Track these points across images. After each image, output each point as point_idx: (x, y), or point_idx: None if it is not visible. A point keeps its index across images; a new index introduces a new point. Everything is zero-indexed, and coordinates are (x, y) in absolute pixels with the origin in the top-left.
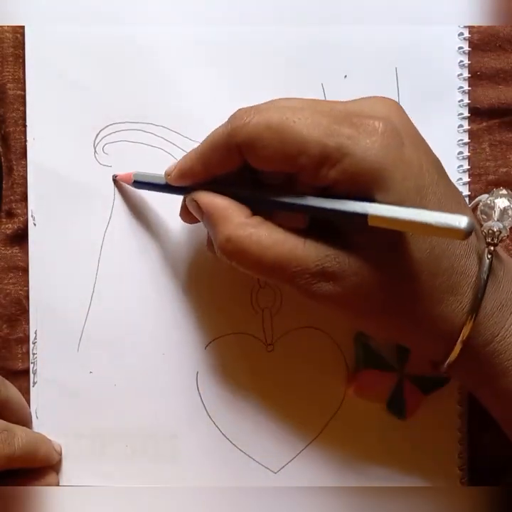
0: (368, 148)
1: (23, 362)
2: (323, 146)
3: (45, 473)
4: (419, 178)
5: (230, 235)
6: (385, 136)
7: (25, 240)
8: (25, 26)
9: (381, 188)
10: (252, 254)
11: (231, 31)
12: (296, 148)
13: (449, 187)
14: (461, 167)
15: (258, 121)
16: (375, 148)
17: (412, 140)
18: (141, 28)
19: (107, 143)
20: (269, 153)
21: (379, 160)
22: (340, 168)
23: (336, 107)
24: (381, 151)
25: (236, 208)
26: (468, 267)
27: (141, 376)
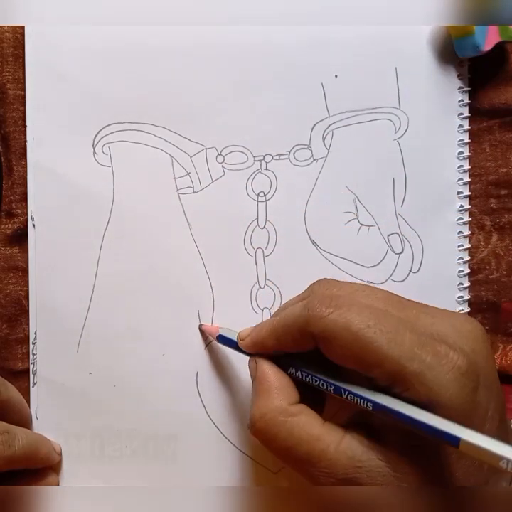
0: (446, 385)
1: (23, 362)
2: (401, 367)
3: (45, 473)
4: (482, 424)
5: (265, 414)
6: (464, 377)
7: (25, 239)
8: (25, 26)
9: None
10: (282, 442)
11: (231, 31)
12: (372, 360)
13: (505, 434)
14: (462, 167)
15: (337, 319)
16: (452, 387)
17: (487, 381)
18: (141, 28)
19: (107, 143)
20: (344, 354)
21: (452, 400)
22: (414, 391)
23: (422, 322)
24: (457, 391)
25: (286, 389)
26: None
27: (141, 376)
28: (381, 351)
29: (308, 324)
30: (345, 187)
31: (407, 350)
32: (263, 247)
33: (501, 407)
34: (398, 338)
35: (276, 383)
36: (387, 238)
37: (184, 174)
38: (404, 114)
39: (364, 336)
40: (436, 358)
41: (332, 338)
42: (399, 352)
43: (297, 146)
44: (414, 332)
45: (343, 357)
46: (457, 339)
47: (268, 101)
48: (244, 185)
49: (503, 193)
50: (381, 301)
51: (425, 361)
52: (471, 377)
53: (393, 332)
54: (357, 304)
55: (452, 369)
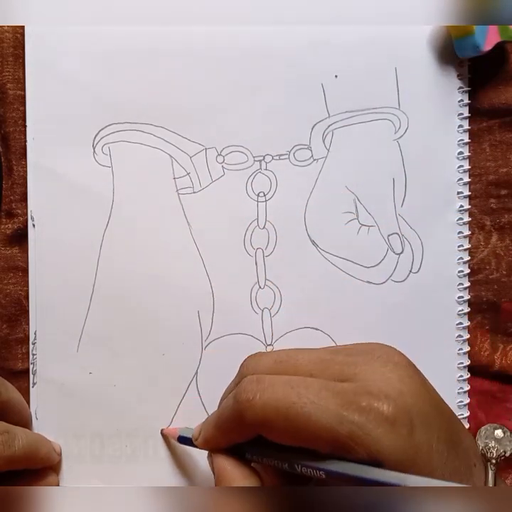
0: (379, 439)
1: (23, 362)
2: (335, 434)
3: (45, 473)
4: (428, 462)
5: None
6: (395, 425)
7: (25, 239)
8: (25, 26)
9: (396, 471)
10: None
11: (231, 31)
12: (309, 435)
13: (457, 459)
14: (462, 167)
15: (264, 403)
16: (387, 440)
17: (422, 417)
18: (141, 28)
19: (107, 143)
20: (282, 435)
21: (389, 451)
22: (354, 453)
23: (346, 376)
24: (391, 442)
25: (244, 480)
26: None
27: (141, 376)
28: (312, 423)
29: (241, 415)
30: (345, 187)
31: (334, 415)
32: (263, 247)
33: (446, 434)
34: (323, 406)
35: (234, 475)
36: (387, 238)
37: (184, 174)
38: (404, 114)
39: (292, 414)
40: (363, 415)
41: (266, 424)
42: (327, 419)
43: (297, 146)
44: (338, 393)
45: (281, 438)
46: (382, 384)
47: (268, 101)
48: (244, 185)
49: (503, 193)
50: (304, 364)
51: (354, 421)
52: (402, 423)
53: (317, 401)
54: (277, 381)
55: (381, 421)
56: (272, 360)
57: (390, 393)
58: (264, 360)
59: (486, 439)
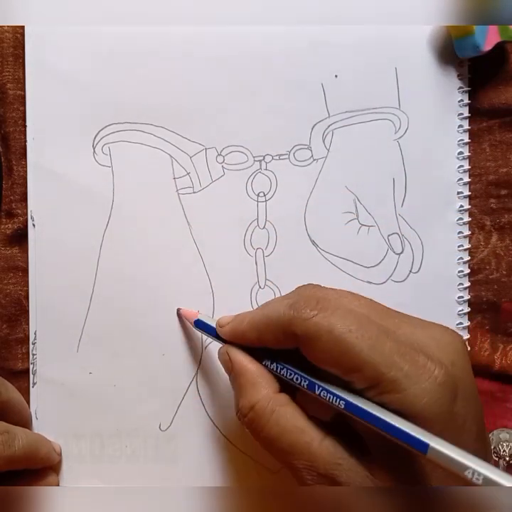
0: (421, 394)
1: (23, 362)
2: (379, 373)
3: (45, 473)
4: (459, 434)
5: (254, 405)
6: (441, 387)
7: (25, 239)
8: (25, 26)
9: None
10: (268, 432)
11: (231, 31)
12: (352, 365)
13: (482, 445)
14: (462, 167)
15: (321, 321)
16: (428, 397)
17: (465, 393)
18: (141, 28)
19: (107, 143)
20: (325, 356)
21: (428, 409)
22: (388, 398)
23: (403, 331)
24: (433, 401)
25: (267, 378)
26: None
27: (141, 376)
28: (361, 356)
29: (292, 324)
30: (345, 187)
31: (386, 358)
32: (263, 247)
33: (479, 420)
34: (378, 345)
35: (257, 371)
36: (387, 238)
37: (184, 174)
38: (404, 114)
39: (346, 340)
40: (414, 368)
41: (314, 341)
42: (378, 359)
43: (297, 146)
44: (395, 340)
45: (323, 359)
46: (436, 351)
47: (268, 101)
48: (244, 185)
49: (503, 193)
50: (364, 308)
51: (403, 369)
52: (448, 387)
53: (374, 339)
54: (342, 308)
55: (429, 379)
56: (335, 293)
57: (443, 360)
58: (326, 290)
59: (499, 438)
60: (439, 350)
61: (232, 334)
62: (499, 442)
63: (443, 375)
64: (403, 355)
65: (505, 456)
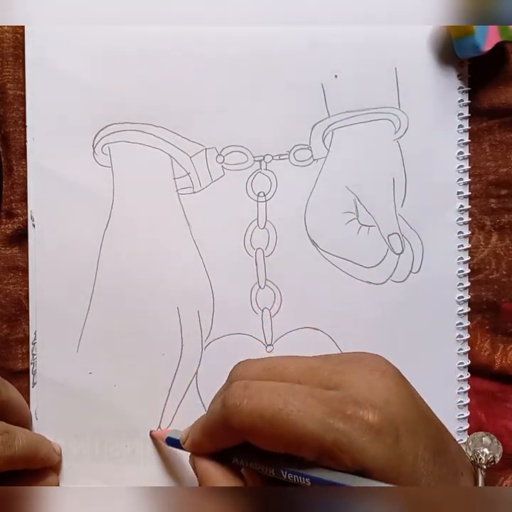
0: (364, 447)
1: (23, 362)
2: (321, 441)
3: (45, 473)
4: (414, 471)
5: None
6: (380, 433)
7: (25, 239)
8: (25, 26)
9: (382, 480)
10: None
11: (231, 31)
12: (294, 441)
13: (444, 467)
14: (462, 167)
15: (250, 409)
16: (371, 448)
17: (408, 426)
18: (141, 28)
19: (107, 143)
20: (267, 442)
21: (375, 460)
22: (339, 461)
23: (333, 384)
24: (376, 451)
25: (229, 479)
26: None
27: (141, 376)
28: (298, 430)
29: (228, 420)
30: (345, 187)
31: (320, 423)
32: (263, 247)
33: (434, 442)
34: (309, 413)
35: (220, 477)
36: (387, 238)
37: (184, 174)
38: (404, 114)
39: (278, 421)
40: (349, 423)
41: (252, 430)
42: (313, 426)
43: (297, 146)
44: (324, 401)
45: (267, 444)
46: (368, 394)
47: (268, 101)
48: (244, 185)
49: (503, 193)
50: (293, 372)
51: (339, 429)
52: (387, 432)
53: (303, 408)
54: (264, 387)
55: (366, 430)
56: (261, 366)
57: (376, 402)
58: (253, 367)
59: (475, 447)
60: (370, 392)
61: (193, 448)
62: (477, 449)
63: (378, 421)
64: (335, 414)
65: (482, 465)
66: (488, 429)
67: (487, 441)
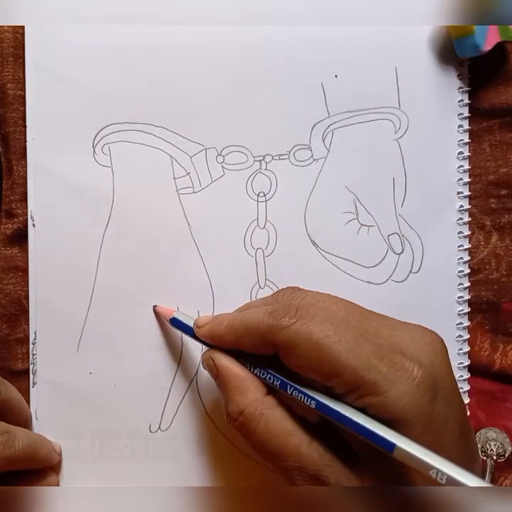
0: (400, 395)
1: (23, 362)
2: (359, 376)
3: (45, 474)
4: (440, 435)
5: (243, 410)
6: (420, 387)
7: (25, 239)
8: (25, 26)
9: (401, 431)
10: (259, 436)
11: (231, 31)
12: (331, 370)
13: (466, 445)
14: (462, 167)
15: (299, 329)
16: (407, 398)
17: (446, 393)
18: (141, 28)
19: (107, 143)
20: (304, 363)
21: (407, 410)
22: (369, 400)
23: (381, 334)
24: (412, 402)
25: (253, 382)
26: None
27: (141, 376)
28: (339, 361)
29: (271, 333)
30: (345, 187)
31: (364, 361)
32: (263, 247)
33: (462, 420)
34: (356, 349)
35: (244, 375)
36: (387, 238)
37: (184, 174)
38: (404, 114)
39: (324, 345)
40: (393, 369)
41: (293, 348)
42: (356, 362)
43: (297, 146)
44: (373, 343)
45: (301, 366)
46: (415, 351)
47: (268, 101)
48: (244, 185)
49: (503, 193)
50: (343, 312)
51: (381, 372)
52: (427, 388)
53: (352, 342)
54: (319, 314)
55: (407, 380)
56: (315, 298)
57: (423, 360)
58: (307, 294)
59: (486, 438)
60: (418, 351)
61: (209, 336)
62: (486, 441)
63: (422, 375)
64: (381, 357)
65: (492, 455)
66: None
67: (493, 435)
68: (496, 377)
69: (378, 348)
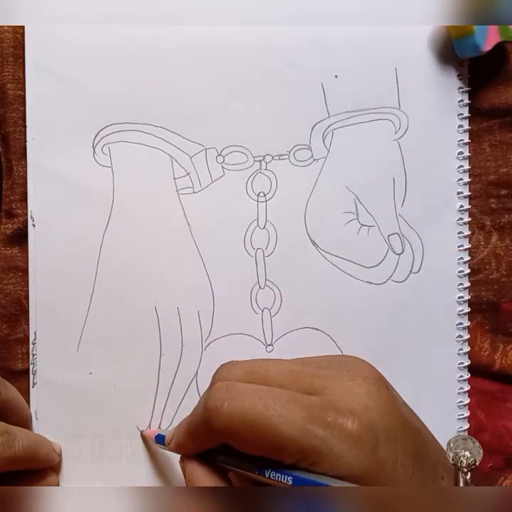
0: (342, 454)
1: (23, 362)
2: (299, 446)
3: (45, 474)
4: (393, 476)
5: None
6: (359, 441)
7: (25, 240)
8: (25, 26)
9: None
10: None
11: (231, 31)
12: (274, 445)
13: (424, 473)
14: (462, 167)
15: (231, 411)
16: (347, 456)
17: (387, 434)
18: (141, 28)
19: (107, 143)
20: (247, 445)
21: (353, 467)
22: (318, 467)
23: (315, 389)
24: (353, 458)
25: (215, 481)
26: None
27: (141, 376)
28: (277, 435)
29: (208, 422)
30: (345, 187)
31: (299, 428)
32: (263, 248)
33: (413, 449)
34: (289, 418)
35: (204, 481)
36: (387, 238)
37: (184, 174)
38: (404, 114)
39: (258, 424)
40: (328, 430)
41: (232, 432)
42: (292, 431)
43: (297, 146)
44: (304, 406)
45: (246, 447)
46: (349, 401)
47: (268, 101)
48: (244, 185)
49: (503, 193)
50: (275, 376)
51: (318, 436)
52: (366, 439)
53: (284, 413)
54: (246, 390)
55: (345, 437)
56: (243, 369)
57: (356, 409)
58: (235, 369)
59: (456, 449)
60: (351, 400)
61: (177, 449)
62: (456, 454)
63: (357, 428)
64: (315, 420)
65: (462, 468)
66: (488, 429)
67: (469, 445)
68: (496, 377)
69: (310, 410)
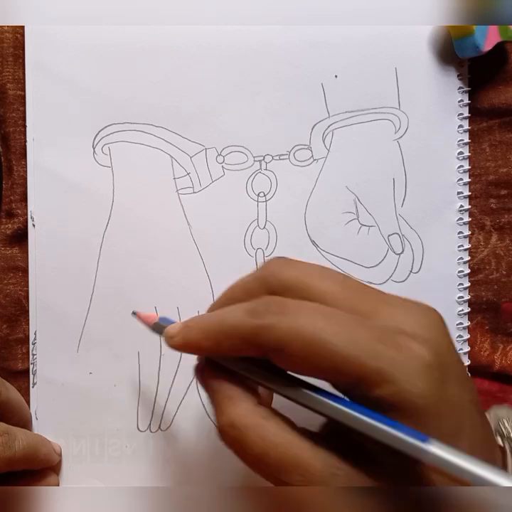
0: (410, 379)
1: (23, 362)
2: (361, 366)
3: (45, 474)
4: (458, 419)
5: (234, 421)
6: (431, 369)
7: (25, 240)
8: (25, 26)
9: (418, 423)
10: (254, 449)
11: (231, 31)
12: (330, 365)
13: (484, 429)
14: (462, 167)
15: (288, 326)
16: (418, 381)
17: (456, 373)
18: (141, 28)
19: (107, 143)
20: (299, 363)
21: (420, 395)
22: (377, 391)
23: (380, 313)
24: (424, 385)
25: (244, 390)
26: None
27: (141, 376)
28: (337, 353)
29: (255, 334)
30: (345, 187)
31: (364, 348)
32: (263, 248)
33: (477, 400)
34: (354, 337)
35: (234, 386)
36: (387, 238)
37: (184, 174)
38: (404, 114)
39: (317, 341)
40: (398, 352)
41: (285, 349)
42: (356, 351)
43: (297, 146)
44: (370, 328)
45: (298, 366)
46: (419, 330)
47: (268, 101)
48: (244, 185)
49: (503, 193)
50: (335, 294)
51: (385, 356)
52: (438, 368)
53: (348, 331)
54: (305, 305)
55: (417, 362)
56: (298, 278)
57: (428, 339)
58: (290, 273)
59: (496, 419)
60: (421, 329)
61: (184, 346)
62: (498, 421)
63: (430, 355)
64: (382, 340)
65: (509, 435)
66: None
67: (507, 412)
68: (496, 377)
69: (377, 331)
